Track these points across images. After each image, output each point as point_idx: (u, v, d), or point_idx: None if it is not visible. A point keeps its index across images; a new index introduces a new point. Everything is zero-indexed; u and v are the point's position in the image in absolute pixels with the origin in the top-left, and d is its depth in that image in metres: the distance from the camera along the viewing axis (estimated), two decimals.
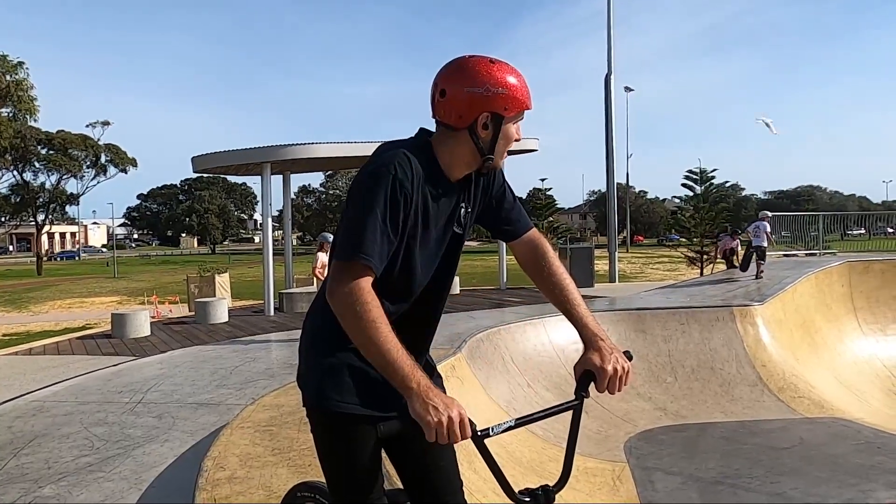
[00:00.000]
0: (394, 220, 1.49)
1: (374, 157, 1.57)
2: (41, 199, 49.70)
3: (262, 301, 14.30)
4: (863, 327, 10.87)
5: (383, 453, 1.71)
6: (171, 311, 17.64)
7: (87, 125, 50.73)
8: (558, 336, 7.79)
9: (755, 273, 12.45)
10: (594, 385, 1.58)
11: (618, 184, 23.54)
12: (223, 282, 18.62)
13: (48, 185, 49.27)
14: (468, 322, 8.77)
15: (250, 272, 36.38)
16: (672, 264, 33.96)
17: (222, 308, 12.86)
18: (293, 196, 21.07)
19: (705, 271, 22.65)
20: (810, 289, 10.77)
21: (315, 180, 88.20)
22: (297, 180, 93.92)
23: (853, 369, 9.51)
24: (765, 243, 13.06)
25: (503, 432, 1.40)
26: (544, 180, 26.81)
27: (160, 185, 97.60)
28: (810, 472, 5.29)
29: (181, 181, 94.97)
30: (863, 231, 24.02)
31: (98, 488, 3.91)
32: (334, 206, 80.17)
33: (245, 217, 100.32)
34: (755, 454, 5.72)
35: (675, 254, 29.99)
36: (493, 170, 1.68)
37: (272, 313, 13.46)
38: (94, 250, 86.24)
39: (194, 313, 13.54)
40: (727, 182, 29.77)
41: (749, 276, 12.50)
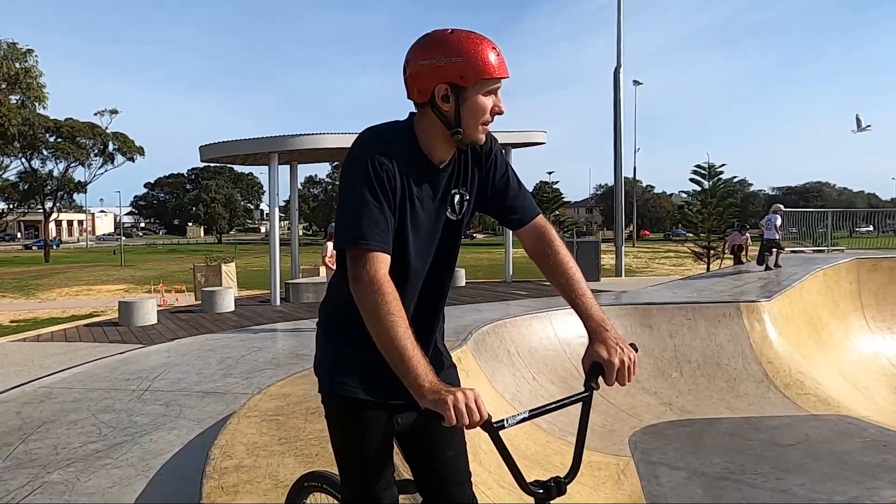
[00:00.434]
0: (385, 196, 1.49)
1: (356, 139, 1.58)
2: (49, 187, 49.91)
3: (269, 291, 14.35)
4: (870, 325, 10.82)
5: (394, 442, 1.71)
6: (177, 299, 17.71)
7: (95, 113, 50.94)
8: (564, 329, 7.79)
9: (771, 264, 12.59)
10: (602, 378, 1.57)
11: (625, 178, 23.47)
12: (229, 271, 18.67)
13: (56, 172, 49.55)
14: (474, 315, 8.77)
15: (256, 262, 36.46)
16: (678, 259, 33.87)
17: (229, 297, 12.91)
18: (300, 186, 21.09)
19: (712, 266, 22.58)
20: (818, 285, 10.72)
21: (322, 171, 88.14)
22: (304, 171, 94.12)
23: (860, 366, 9.48)
24: (776, 235, 13.22)
25: (517, 424, 1.39)
26: (551, 173, 26.79)
27: (167, 173, 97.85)
28: (816, 469, 5.28)
29: (188, 170, 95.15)
30: (871, 228, 23.87)
31: (106, 475, 3.94)
32: None
33: (251, 207, 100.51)
34: (760, 450, 5.71)
35: (682, 249, 29.91)
36: (471, 145, 1.61)
37: (278, 303, 13.50)
38: (108, 238, 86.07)
39: (201, 302, 13.59)
40: (735, 177, 29.56)
41: (756, 272, 12.45)
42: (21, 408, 5.55)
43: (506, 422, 1.38)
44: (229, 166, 74.03)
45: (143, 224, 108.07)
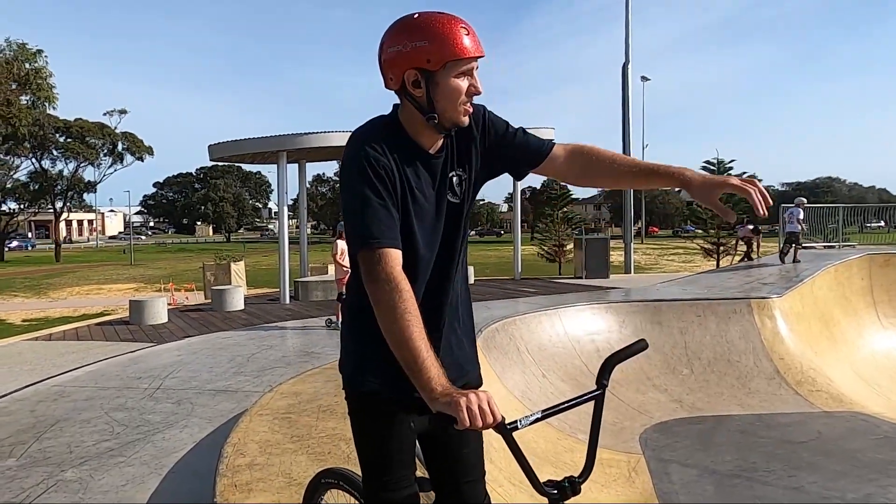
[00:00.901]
0: (386, 192, 1.49)
1: (347, 144, 1.57)
2: (59, 187, 50.21)
3: (278, 289, 14.39)
4: (882, 321, 10.74)
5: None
6: (187, 298, 17.78)
7: (105, 113, 51.15)
8: (573, 326, 7.77)
9: (789, 259, 12.77)
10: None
11: None
12: (239, 270, 18.72)
13: (66, 172, 49.82)
14: (483, 312, 8.76)
15: (265, 260, 36.59)
16: (687, 256, 33.72)
17: (238, 296, 12.96)
18: (308, 185, 21.14)
19: (721, 263, 22.47)
20: (829, 281, 10.65)
21: (330, 169, 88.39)
22: (312, 169, 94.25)
23: (872, 363, 9.41)
24: (797, 228, 13.30)
25: (531, 424, 1.39)
26: None
27: (176, 173, 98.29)
28: (828, 466, 5.25)
29: (196, 169, 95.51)
30: (882, 224, 23.63)
31: (119, 473, 3.97)
32: None
33: (260, 206, 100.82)
34: (772, 448, 5.68)
35: (691, 245, 29.79)
36: (452, 128, 1.56)
37: (287, 301, 13.54)
38: (125, 236, 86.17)
39: (210, 301, 13.65)
40: (744, 173, 29.35)
41: (767, 268, 12.38)
42: (35, 406, 5.59)
43: (519, 423, 1.37)
44: (237, 165, 74.32)
45: (152, 223, 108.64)
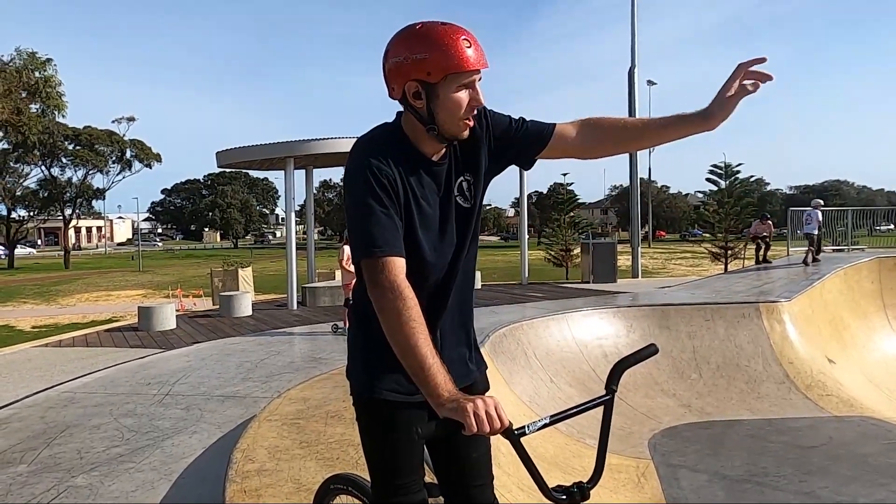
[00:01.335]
0: (389, 201, 1.49)
1: (350, 153, 1.58)
2: (68, 194, 50.58)
3: (285, 295, 14.43)
4: (893, 324, 10.66)
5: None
6: (195, 304, 17.86)
7: (113, 121, 51.69)
8: (581, 331, 7.75)
9: (809, 260, 12.93)
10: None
11: (640, 178, 23.33)
12: (246, 275, 18.79)
13: (75, 179, 50.21)
14: (490, 317, 8.76)
15: (272, 266, 36.70)
16: (695, 260, 33.60)
17: (246, 301, 13.00)
18: (315, 191, 21.21)
19: (730, 267, 22.37)
20: (839, 285, 10.59)
21: (337, 175, 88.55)
22: (319, 175, 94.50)
23: (883, 367, 9.33)
24: (816, 231, 13.43)
25: (539, 430, 1.39)
26: (566, 174, 26.64)
27: (184, 179, 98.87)
28: (839, 471, 5.21)
29: (204, 176, 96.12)
30: (892, 226, 23.53)
31: (129, 479, 3.98)
32: None
33: (267, 212, 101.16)
34: (783, 452, 5.65)
35: (698, 249, 29.66)
36: (451, 140, 1.57)
37: (295, 307, 13.57)
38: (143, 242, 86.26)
39: (218, 307, 13.70)
40: (752, 177, 29.24)
41: (775, 272, 12.33)
42: (45, 412, 5.63)
43: (527, 428, 1.37)
44: (245, 172, 74.68)
45: (160, 230, 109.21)
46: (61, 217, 51.69)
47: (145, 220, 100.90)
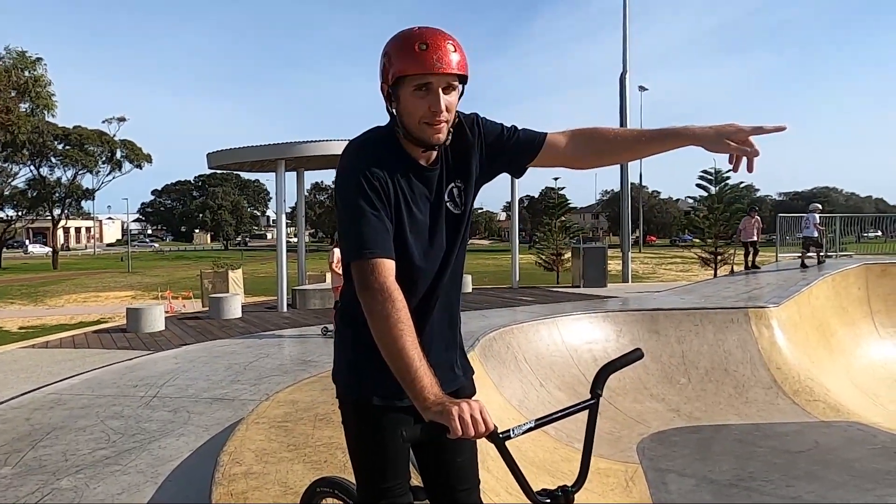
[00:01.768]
0: (381, 204, 1.50)
1: (342, 155, 1.59)
2: (57, 194, 50.20)
3: (275, 297, 14.37)
4: (879, 330, 10.76)
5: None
6: (184, 306, 17.77)
7: (104, 121, 51.25)
8: (571, 336, 7.77)
9: (808, 263, 13.57)
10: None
11: (631, 183, 23.40)
12: (236, 277, 18.70)
13: (64, 180, 49.84)
14: (480, 321, 8.76)
15: (263, 268, 36.56)
16: (685, 265, 33.77)
17: (236, 304, 12.93)
18: (306, 193, 21.18)
19: (719, 272, 22.49)
20: (826, 291, 10.68)
21: (328, 177, 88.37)
22: (311, 177, 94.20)
23: (869, 373, 9.42)
24: (815, 234, 13.80)
25: (523, 434, 1.39)
26: (557, 179, 26.72)
27: (174, 180, 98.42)
28: (826, 476, 5.25)
29: (195, 177, 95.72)
30: (879, 233, 23.68)
31: (115, 481, 3.95)
32: None
33: (258, 213, 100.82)
34: (770, 457, 5.68)
35: (688, 254, 29.85)
36: (426, 147, 1.56)
37: (285, 309, 13.51)
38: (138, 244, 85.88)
39: (208, 308, 13.63)
40: (742, 183, 29.37)
41: (764, 277, 12.41)
42: (30, 414, 5.57)
43: (512, 432, 1.38)
44: (236, 173, 74.35)
45: (150, 231, 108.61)
46: (50, 217, 51.31)
47: (135, 221, 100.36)
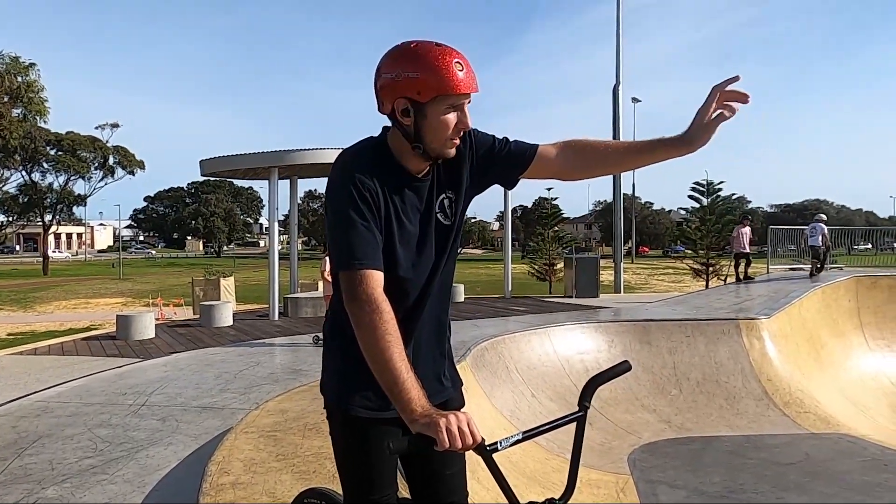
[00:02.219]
0: (371, 215, 1.49)
1: (334, 165, 1.58)
2: (49, 200, 49.90)
3: (267, 305, 14.31)
4: (869, 343, 10.81)
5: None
6: (175, 313, 17.65)
7: (97, 127, 50.96)
8: (563, 346, 7.77)
9: (814, 270, 13.98)
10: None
11: (624, 194, 23.49)
12: (228, 285, 18.60)
13: (56, 185, 49.55)
14: (472, 331, 8.75)
15: (255, 276, 36.42)
16: (677, 276, 33.85)
17: (227, 311, 12.87)
18: (299, 201, 21.15)
19: (711, 283, 22.57)
20: (817, 303, 10.73)
21: (322, 185, 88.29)
22: (304, 185, 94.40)
23: (859, 385, 9.45)
24: (819, 243, 14.23)
25: (511, 446, 1.39)
26: (550, 189, 26.75)
27: (167, 187, 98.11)
28: (816, 488, 5.25)
29: (188, 184, 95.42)
30: (870, 246, 23.87)
31: (101, 490, 3.91)
32: None
33: (251, 221, 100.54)
34: (760, 469, 5.68)
35: (681, 265, 29.94)
36: (437, 159, 1.57)
37: (277, 318, 13.47)
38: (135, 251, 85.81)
39: (199, 316, 13.55)
40: (734, 194, 29.58)
41: (756, 288, 12.47)
42: (17, 422, 5.52)
43: (499, 444, 1.37)
44: (229, 180, 74.22)
45: (141, 237, 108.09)
46: (41, 223, 50.99)
47: (127, 227, 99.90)
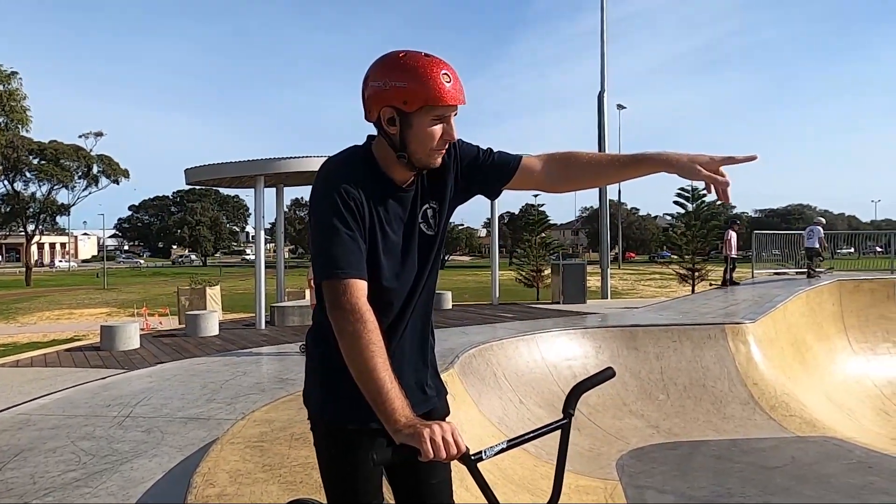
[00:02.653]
0: (355, 224, 1.49)
1: (318, 174, 1.58)
2: (31, 210, 49.38)
3: (253, 314, 14.23)
4: (853, 346, 10.92)
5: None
6: (160, 323, 17.50)
7: (80, 136, 50.61)
8: (550, 352, 7.78)
9: (808, 272, 14.32)
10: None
11: (610, 200, 23.66)
12: (214, 294, 18.49)
13: (39, 195, 49.07)
14: (460, 337, 8.74)
15: (241, 285, 36.21)
16: (664, 281, 34.07)
17: (213, 321, 12.77)
18: (286, 209, 21.06)
19: (697, 288, 22.72)
20: (801, 307, 10.82)
21: (308, 193, 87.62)
22: (290, 193, 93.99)
23: (844, 388, 9.54)
24: (816, 245, 14.75)
25: (495, 455, 1.38)
26: (537, 196, 26.88)
27: (152, 196, 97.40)
28: (802, 491, 5.28)
29: (173, 193, 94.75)
30: (852, 250, 24.19)
31: None
32: None
33: (237, 230, 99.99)
34: (747, 473, 5.71)
35: (667, 271, 30.12)
36: (422, 169, 1.58)
37: (263, 327, 13.38)
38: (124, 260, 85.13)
39: (184, 326, 13.44)
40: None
41: (741, 293, 12.56)
42: None
43: (484, 454, 1.37)
44: (215, 189, 73.87)
45: (126, 246, 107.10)
46: (24, 233, 50.41)
47: (111, 236, 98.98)
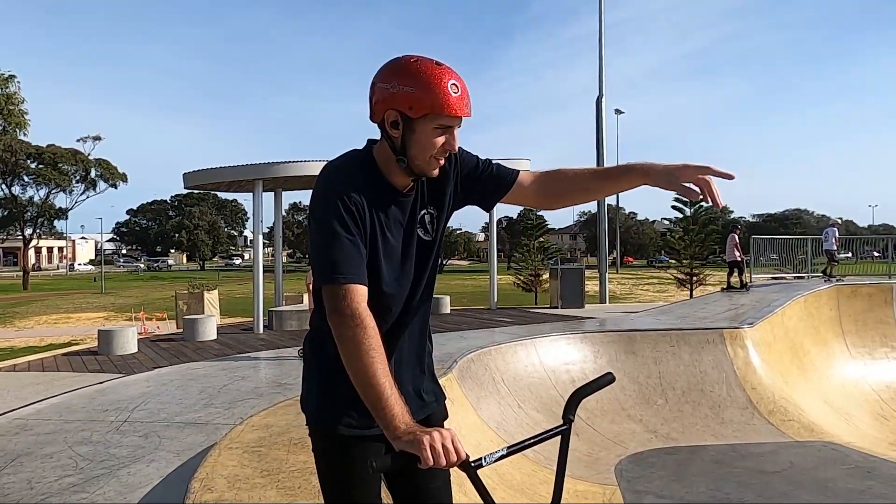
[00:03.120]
0: (356, 229, 1.49)
1: (318, 177, 1.58)
2: (29, 214, 49.32)
3: (251, 318, 14.21)
4: (851, 350, 10.93)
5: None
6: (158, 327, 17.47)
7: (78, 140, 50.70)
8: (549, 357, 7.78)
9: (828, 272, 14.95)
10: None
11: (608, 205, 23.69)
12: (212, 298, 18.45)
13: (37, 199, 49.01)
14: (459, 342, 8.74)
15: (239, 289, 36.17)
16: (661, 286, 34.09)
17: (211, 325, 12.75)
18: (284, 213, 21.07)
19: (695, 293, 22.75)
20: (799, 312, 10.83)
21: (306, 197, 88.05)
22: (288, 197, 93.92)
23: (842, 392, 9.54)
24: (833, 247, 15.35)
25: (495, 462, 1.38)
26: None
27: (150, 200, 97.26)
28: (800, 496, 5.28)
29: (171, 197, 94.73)
30: (850, 255, 24.20)
31: None
32: None
33: (235, 234, 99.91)
34: (745, 478, 5.71)
35: (665, 275, 30.21)
36: (420, 176, 1.57)
37: (261, 331, 13.36)
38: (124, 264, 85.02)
39: (182, 330, 13.42)
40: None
41: (739, 297, 12.58)
42: None
43: (484, 460, 1.36)
44: (213, 193, 73.88)
45: (124, 250, 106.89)
46: (21, 237, 50.31)
47: (109, 240, 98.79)
